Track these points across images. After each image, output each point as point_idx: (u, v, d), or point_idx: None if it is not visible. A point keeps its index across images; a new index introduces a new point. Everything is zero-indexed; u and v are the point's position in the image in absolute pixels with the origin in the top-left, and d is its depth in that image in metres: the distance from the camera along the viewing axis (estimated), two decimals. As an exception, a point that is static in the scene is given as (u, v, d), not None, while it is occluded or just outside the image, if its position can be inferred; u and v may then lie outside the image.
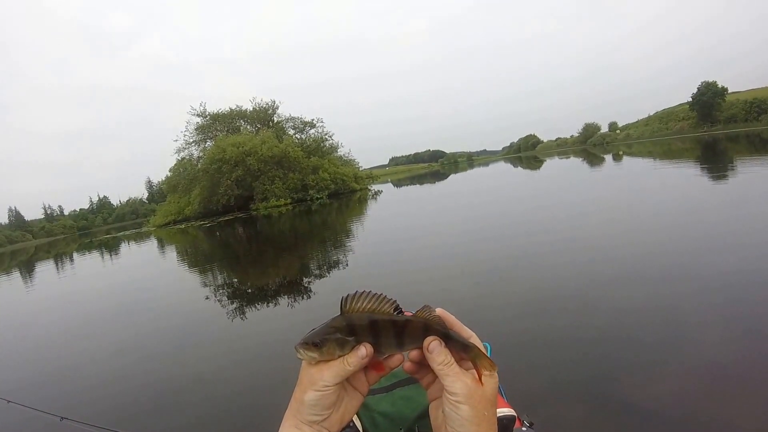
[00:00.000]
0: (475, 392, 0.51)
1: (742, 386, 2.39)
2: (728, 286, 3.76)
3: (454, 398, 0.50)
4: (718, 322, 3.17)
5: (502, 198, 15.04)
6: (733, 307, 3.35)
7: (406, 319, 0.57)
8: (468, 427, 0.50)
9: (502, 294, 4.56)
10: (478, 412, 0.50)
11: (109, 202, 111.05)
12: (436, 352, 0.53)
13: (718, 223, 6.25)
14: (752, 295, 3.50)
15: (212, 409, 3.19)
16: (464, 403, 0.50)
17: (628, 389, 2.50)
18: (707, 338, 2.96)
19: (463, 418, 0.50)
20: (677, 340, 2.99)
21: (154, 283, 10.29)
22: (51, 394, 3.98)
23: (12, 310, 9.92)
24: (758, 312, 3.18)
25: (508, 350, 3.13)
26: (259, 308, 5.97)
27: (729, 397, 2.32)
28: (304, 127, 40.54)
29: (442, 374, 0.52)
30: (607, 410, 2.39)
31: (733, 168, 13.41)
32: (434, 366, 0.53)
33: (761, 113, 48.51)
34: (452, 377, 0.51)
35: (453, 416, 0.50)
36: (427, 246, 7.91)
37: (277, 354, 3.97)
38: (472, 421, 0.50)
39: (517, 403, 1.11)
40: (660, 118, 76.86)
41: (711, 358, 2.70)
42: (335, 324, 0.57)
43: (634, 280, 4.31)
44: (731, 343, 2.84)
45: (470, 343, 0.55)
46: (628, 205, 9.01)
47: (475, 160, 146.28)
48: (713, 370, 2.58)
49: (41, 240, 75.70)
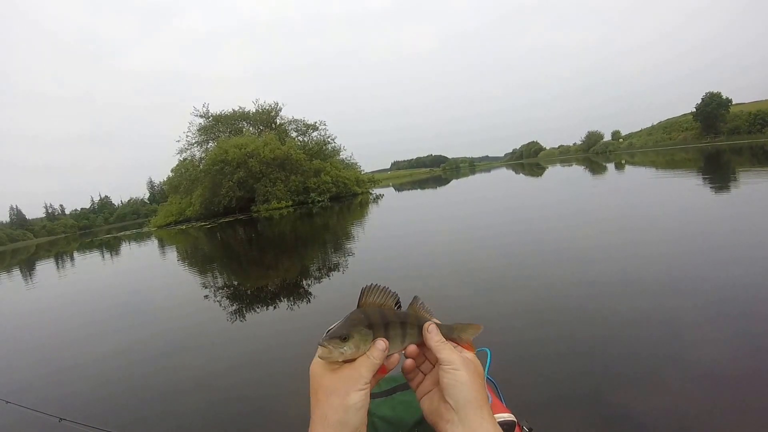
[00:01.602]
0: (468, 362, 0.58)
1: (742, 400, 2.38)
2: (731, 299, 3.74)
3: (451, 366, 0.56)
4: (719, 335, 3.15)
5: (501, 205, 15.08)
6: (735, 319, 3.34)
7: (407, 313, 0.61)
8: (468, 391, 0.55)
9: (502, 302, 4.55)
10: (474, 379, 0.56)
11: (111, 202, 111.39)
12: (434, 332, 0.60)
13: (720, 235, 6.23)
14: (755, 309, 3.48)
15: (212, 411, 3.17)
16: (461, 369, 0.56)
17: (628, 399, 2.49)
18: (708, 350, 2.95)
19: (461, 382, 0.55)
20: (678, 351, 2.98)
21: (154, 283, 10.26)
22: (49, 394, 3.95)
23: (11, 309, 9.89)
24: (760, 325, 3.17)
25: (508, 357, 3.12)
26: (258, 310, 5.96)
27: (729, 410, 2.30)
28: (306, 130, 40.67)
29: (439, 349, 0.58)
30: (606, 419, 2.38)
31: (736, 179, 13.38)
32: (432, 343, 0.59)
33: (765, 125, 48.63)
34: (448, 351, 0.58)
35: (452, 383, 0.56)
36: (427, 252, 7.91)
37: (277, 357, 3.96)
38: (470, 385, 0.55)
39: (516, 409, 1.11)
40: (663, 128, 77.09)
41: (712, 370, 2.69)
42: (356, 317, 0.57)
43: (634, 290, 4.30)
44: (732, 355, 2.83)
45: (454, 325, 0.62)
46: (629, 215, 9.00)
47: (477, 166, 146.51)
48: (714, 382, 2.57)
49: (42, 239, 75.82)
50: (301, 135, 40.46)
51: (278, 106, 41.94)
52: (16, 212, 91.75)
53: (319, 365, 0.57)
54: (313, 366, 0.58)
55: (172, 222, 35.38)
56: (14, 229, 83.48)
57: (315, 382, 0.56)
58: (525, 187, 24.09)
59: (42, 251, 34.78)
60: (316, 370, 0.57)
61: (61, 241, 53.88)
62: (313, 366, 0.58)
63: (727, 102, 55.39)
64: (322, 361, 0.56)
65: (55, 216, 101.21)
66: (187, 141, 38.85)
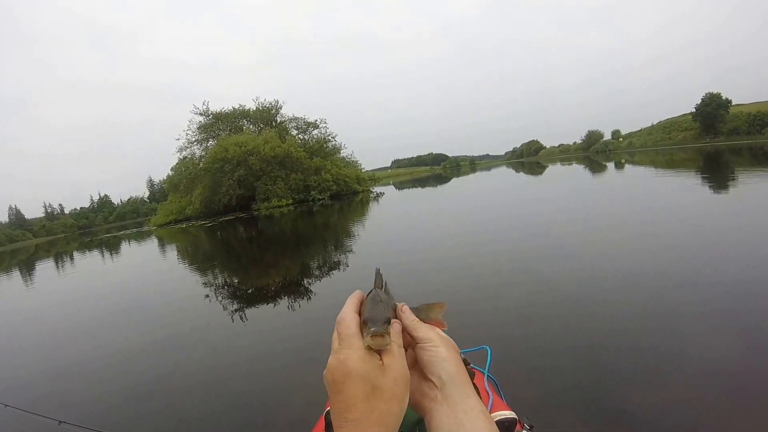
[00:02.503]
0: (445, 339, 0.57)
1: (742, 396, 2.40)
2: (730, 296, 3.76)
3: (430, 344, 0.55)
4: (719, 331, 3.17)
5: (501, 203, 15.08)
6: (735, 316, 3.36)
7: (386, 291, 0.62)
8: (450, 365, 0.53)
9: (501, 298, 4.56)
10: (453, 354, 0.55)
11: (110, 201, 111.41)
12: (408, 312, 0.59)
13: (720, 232, 6.26)
14: (754, 305, 3.50)
15: (214, 411, 3.18)
16: (439, 346, 0.55)
17: (629, 395, 2.51)
18: (709, 347, 2.97)
19: (441, 358, 0.54)
20: (678, 347, 3.00)
21: (155, 283, 10.27)
22: (48, 397, 3.95)
23: (10, 311, 9.88)
24: (759, 322, 3.20)
25: (509, 355, 3.14)
26: (259, 308, 5.98)
27: (729, 406, 2.32)
28: (307, 128, 40.64)
29: (415, 327, 0.57)
30: (607, 415, 2.40)
31: (735, 179, 13.42)
32: (407, 323, 0.57)
33: (764, 126, 48.62)
34: (424, 329, 0.57)
35: (433, 359, 0.54)
36: (426, 249, 7.93)
37: (278, 353, 3.98)
38: (450, 360, 0.54)
39: (517, 406, 1.12)
40: (663, 128, 77.22)
41: (712, 366, 2.71)
42: (381, 297, 0.57)
43: (634, 287, 4.32)
44: (732, 352, 2.85)
45: (420, 306, 0.62)
46: (629, 212, 9.03)
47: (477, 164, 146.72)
48: (714, 378, 2.59)
49: (42, 239, 75.77)
50: (302, 133, 40.48)
51: (278, 104, 41.99)
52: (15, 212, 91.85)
53: (365, 361, 0.49)
54: (356, 362, 0.48)
55: (172, 221, 35.35)
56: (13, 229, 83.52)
57: (364, 382, 0.48)
58: (524, 185, 24.15)
59: (41, 251, 34.78)
60: (363, 367, 0.48)
61: (60, 241, 53.84)
62: (356, 362, 0.48)
63: (726, 102, 55.48)
64: (368, 356, 0.49)
65: (55, 215, 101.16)
66: (187, 139, 38.85)
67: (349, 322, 0.52)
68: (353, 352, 0.49)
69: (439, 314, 0.61)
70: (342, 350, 0.50)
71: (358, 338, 0.51)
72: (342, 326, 0.52)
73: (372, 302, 0.55)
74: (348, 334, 0.51)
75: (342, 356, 0.49)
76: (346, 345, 0.50)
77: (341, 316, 0.54)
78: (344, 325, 0.52)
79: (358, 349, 0.49)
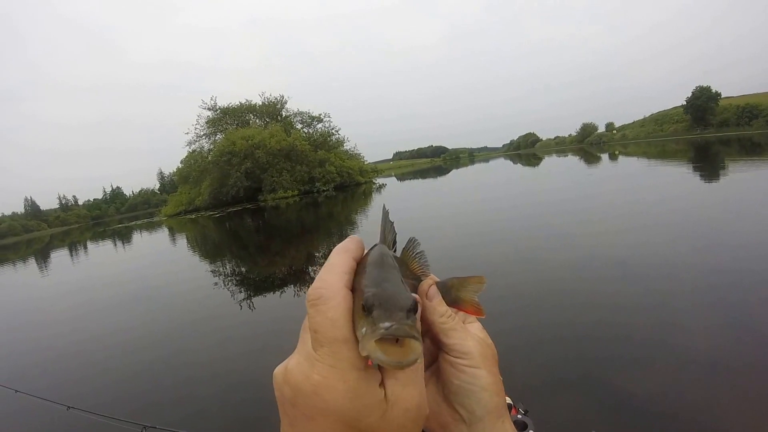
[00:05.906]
0: (487, 350, 0.37)
1: (731, 380, 2.48)
2: (720, 285, 3.83)
3: (467, 363, 0.36)
4: (709, 319, 3.25)
5: (500, 196, 15.03)
6: (724, 305, 3.43)
7: (402, 261, 0.41)
8: (489, 398, 0.35)
9: (497, 286, 4.47)
10: (496, 378, 0.36)
11: (122, 193, 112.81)
12: (438, 301, 0.38)
13: (710, 222, 6.32)
14: (744, 294, 3.58)
15: (220, 397, 3.20)
16: (481, 367, 0.36)
17: (621, 382, 2.57)
18: (698, 335, 3.03)
19: (481, 387, 0.35)
20: (669, 335, 3.06)
21: (164, 271, 10.32)
22: (58, 383, 4.04)
23: (22, 300, 9.96)
24: (748, 309, 3.29)
25: (504, 342, 3.09)
26: (267, 297, 6.09)
27: (718, 391, 2.40)
28: (311, 122, 41.41)
29: (446, 329, 0.37)
30: (600, 401, 2.47)
31: (725, 169, 13.61)
32: (435, 318, 0.37)
33: (753, 118, 49.89)
34: (460, 332, 0.37)
35: (469, 387, 0.35)
36: (426, 238, 8.67)
37: (283, 342, 4.15)
38: (492, 390, 0.35)
39: (511, 391, 1.08)
40: (655, 120, 78.34)
41: (701, 354, 2.79)
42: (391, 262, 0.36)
43: (628, 277, 4.41)
44: (721, 339, 2.95)
45: (449, 281, 0.41)
46: (623, 204, 8.99)
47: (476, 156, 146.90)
48: (704, 365, 2.68)
49: (56, 229, 77.33)
50: (306, 126, 41.26)
51: (284, 98, 42.74)
52: (30, 203, 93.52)
53: (357, 397, 0.29)
54: (341, 397, 0.29)
55: (182, 211, 36.43)
56: (29, 219, 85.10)
57: (346, 429, 0.29)
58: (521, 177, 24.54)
59: (56, 241, 35.55)
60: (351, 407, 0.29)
61: (74, 231, 54.61)
62: (341, 397, 0.29)
63: (716, 95, 56.62)
64: (363, 384, 0.29)
65: (68, 206, 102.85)
66: (195, 133, 39.84)
67: (336, 307, 0.30)
68: (338, 376, 0.28)
69: (476, 293, 0.40)
70: (317, 365, 0.29)
71: (350, 345, 0.29)
72: (320, 315, 0.30)
73: (378, 268, 0.32)
74: (333, 336, 0.29)
75: (316, 378, 0.29)
76: (327, 354, 0.29)
77: (319, 292, 0.31)
78: (326, 312, 0.30)
79: (349, 368, 0.29)
